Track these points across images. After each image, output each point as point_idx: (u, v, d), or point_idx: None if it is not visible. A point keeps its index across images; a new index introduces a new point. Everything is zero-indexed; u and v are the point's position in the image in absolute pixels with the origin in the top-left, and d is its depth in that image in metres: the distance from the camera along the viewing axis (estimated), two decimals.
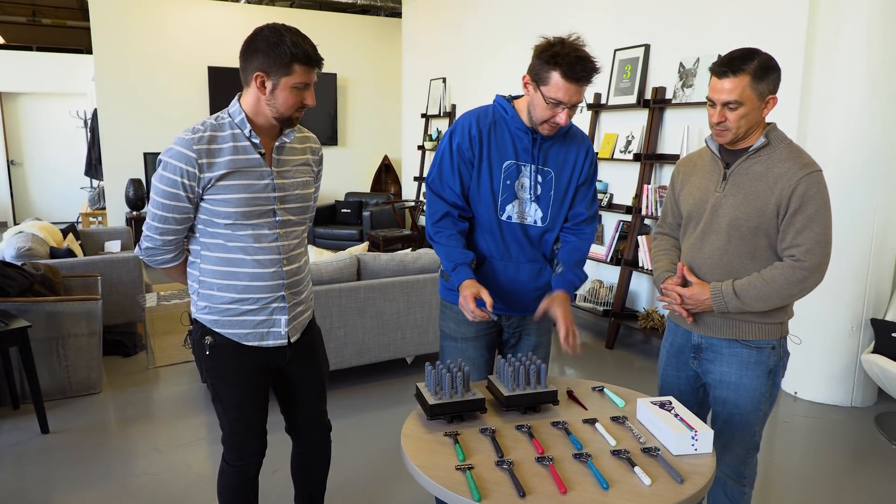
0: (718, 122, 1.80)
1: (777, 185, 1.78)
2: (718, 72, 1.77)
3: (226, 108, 1.83)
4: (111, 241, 5.58)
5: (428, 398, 1.69)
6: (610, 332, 4.61)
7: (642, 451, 1.54)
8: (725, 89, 1.75)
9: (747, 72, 1.73)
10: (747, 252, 1.85)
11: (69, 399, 3.63)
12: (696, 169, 2.00)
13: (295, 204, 1.89)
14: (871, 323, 3.39)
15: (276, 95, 1.73)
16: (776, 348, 1.91)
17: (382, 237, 6.73)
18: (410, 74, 8.12)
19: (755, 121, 1.80)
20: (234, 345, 1.87)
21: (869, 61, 3.31)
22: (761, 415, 1.94)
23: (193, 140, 1.72)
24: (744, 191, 1.83)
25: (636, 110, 4.67)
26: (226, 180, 1.75)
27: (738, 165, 1.86)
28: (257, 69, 1.71)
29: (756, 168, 1.83)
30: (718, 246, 1.88)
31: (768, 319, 1.88)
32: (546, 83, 1.83)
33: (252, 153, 1.79)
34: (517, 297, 2.07)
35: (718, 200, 1.88)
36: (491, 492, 1.36)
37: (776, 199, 1.78)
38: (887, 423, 3.40)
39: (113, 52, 7.19)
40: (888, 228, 3.47)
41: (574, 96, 1.84)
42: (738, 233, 1.84)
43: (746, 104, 1.75)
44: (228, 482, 2.01)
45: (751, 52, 1.77)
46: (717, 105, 1.79)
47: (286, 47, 1.68)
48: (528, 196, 2.01)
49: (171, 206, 1.75)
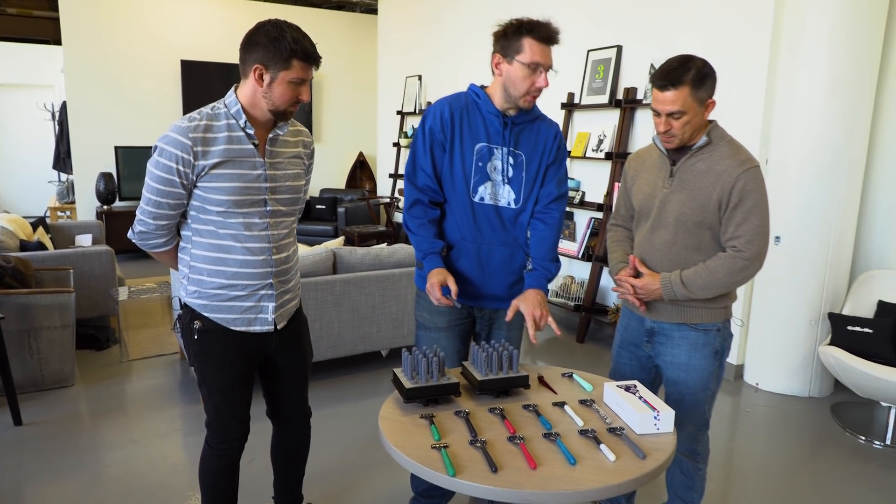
0: (665, 131, 1.92)
1: (719, 181, 1.90)
2: (659, 85, 1.87)
3: (222, 99, 1.88)
4: (82, 234, 5.52)
5: (405, 382, 1.76)
6: (581, 326, 4.72)
7: (608, 430, 1.62)
8: (668, 100, 1.86)
9: (686, 82, 1.83)
10: (693, 244, 1.98)
11: (42, 392, 3.61)
12: (646, 165, 2.12)
13: (285, 195, 1.94)
14: (828, 317, 3.54)
15: (273, 89, 1.79)
16: (721, 331, 2.05)
17: (357, 233, 6.77)
18: (386, 71, 8.15)
19: (698, 125, 1.93)
20: (222, 329, 1.91)
21: (830, 65, 3.45)
22: (710, 393, 2.08)
23: (190, 128, 1.77)
24: (689, 187, 1.96)
25: (608, 110, 4.78)
26: (219, 168, 1.80)
27: (683, 163, 1.98)
28: (257, 62, 1.77)
29: (699, 165, 1.95)
30: (666, 239, 2.01)
31: (713, 304, 2.01)
32: (521, 51, 1.95)
33: (246, 143, 1.84)
34: (489, 282, 2.12)
35: (666, 196, 2.00)
36: (465, 468, 1.43)
37: (718, 195, 1.91)
38: (842, 412, 3.56)
39: (83, 44, 7.09)
40: (846, 227, 3.62)
41: (548, 57, 1.98)
42: (684, 227, 1.97)
43: (689, 112, 1.87)
44: (211, 465, 2.06)
45: (686, 61, 1.86)
46: (661, 115, 1.90)
47: (286, 43, 1.74)
48: (501, 178, 2.07)
49: (165, 191, 1.79)
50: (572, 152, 5.02)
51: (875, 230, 3.76)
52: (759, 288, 3.86)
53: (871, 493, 2.78)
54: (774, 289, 3.76)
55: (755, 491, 2.79)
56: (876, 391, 3.12)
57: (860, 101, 3.50)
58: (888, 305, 3.46)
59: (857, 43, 3.42)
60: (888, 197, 3.68)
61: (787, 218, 3.66)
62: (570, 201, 5.03)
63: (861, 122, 3.53)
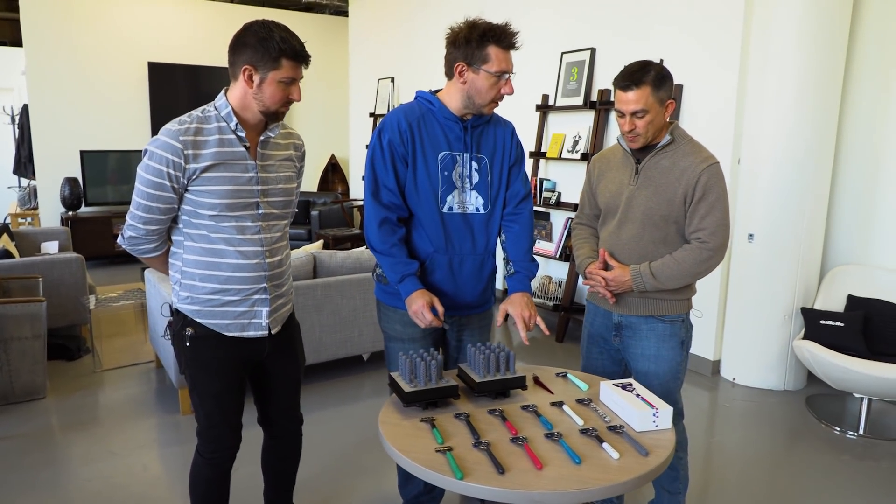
0: (630, 130, 2.01)
1: (683, 177, 2.01)
2: (622, 85, 1.98)
3: (212, 102, 1.85)
4: (48, 241, 5.36)
5: (403, 386, 1.75)
6: (560, 325, 4.76)
7: (608, 429, 1.64)
8: (631, 100, 1.96)
9: (647, 82, 1.95)
10: (660, 238, 2.07)
11: (12, 405, 3.49)
12: (611, 165, 2.20)
13: (277, 198, 1.92)
14: (801, 312, 3.64)
15: (262, 89, 1.77)
16: (685, 321, 2.16)
17: (332, 236, 6.71)
18: (357, 73, 8.10)
19: (660, 124, 2.03)
20: (215, 336, 1.88)
21: (799, 66, 3.54)
22: (679, 383, 2.17)
23: (180, 131, 1.74)
24: (654, 183, 2.04)
25: (582, 111, 4.84)
26: (210, 172, 1.77)
27: (647, 161, 2.07)
28: (246, 62, 1.75)
29: (663, 163, 2.05)
30: (634, 234, 2.09)
31: (678, 296, 2.11)
32: (487, 60, 1.92)
33: (237, 146, 1.81)
34: (461, 292, 2.10)
35: (632, 193, 2.08)
36: (472, 470, 1.43)
37: (682, 190, 2.01)
38: (816, 404, 3.66)
39: (45, 45, 6.89)
40: (816, 224, 3.73)
41: (511, 63, 1.96)
42: (651, 221, 2.05)
43: (651, 111, 1.97)
44: (202, 475, 2.02)
45: (645, 64, 1.99)
46: (626, 115, 2.00)
47: (275, 42, 1.72)
48: (467, 185, 2.05)
49: (155, 195, 1.76)
50: (548, 153, 5.07)
51: (842, 227, 3.87)
52: (734, 285, 3.94)
53: (848, 482, 2.87)
54: (749, 285, 3.84)
55: (737, 483, 2.85)
56: (849, 383, 3.22)
57: (828, 101, 3.61)
58: (857, 299, 3.57)
59: (824, 44, 3.52)
60: (854, 194, 3.80)
61: (760, 216, 3.75)
62: (546, 202, 5.07)
63: (829, 122, 3.64)
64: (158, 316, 3.63)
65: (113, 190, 7.29)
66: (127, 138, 7.45)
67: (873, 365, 3.12)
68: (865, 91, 3.70)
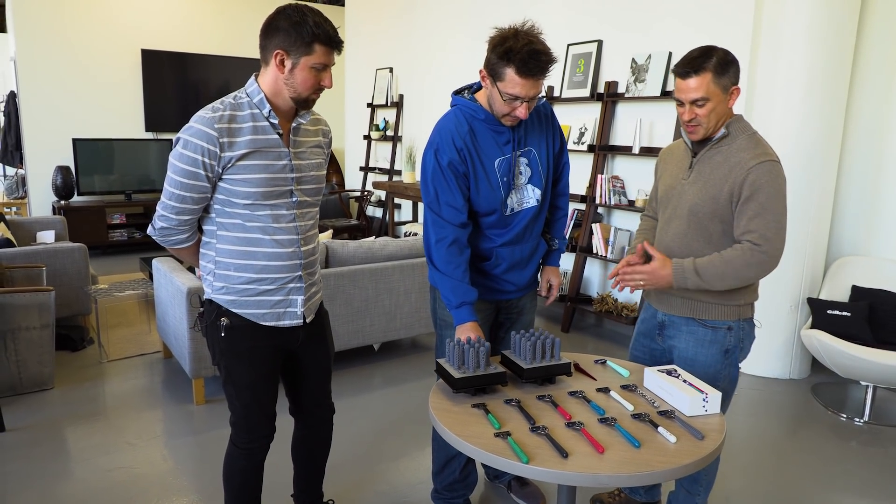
0: (690, 120, 1.92)
1: (731, 173, 1.89)
2: (681, 73, 1.89)
3: (242, 88, 1.81)
4: (44, 230, 5.27)
5: (452, 372, 1.75)
6: (565, 316, 4.79)
7: (658, 413, 1.66)
8: (691, 88, 1.86)
9: (708, 69, 1.84)
10: (704, 236, 1.97)
11: (20, 396, 3.44)
12: (673, 157, 2.14)
13: (310, 185, 1.90)
14: (808, 302, 3.71)
15: (294, 74, 1.73)
16: (733, 329, 2.01)
17: (331, 227, 6.67)
18: (354, 64, 8.04)
19: (723, 113, 1.92)
20: (250, 325, 1.86)
21: (809, 60, 3.59)
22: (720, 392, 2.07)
23: (215, 119, 1.70)
24: (704, 178, 1.96)
25: (589, 103, 4.86)
26: (246, 160, 1.74)
27: (702, 155, 1.99)
28: (278, 47, 1.71)
29: (717, 157, 1.95)
30: (680, 230, 2.01)
31: (724, 301, 1.98)
32: (502, 79, 1.84)
33: (271, 133, 1.78)
34: (520, 275, 2.21)
35: (684, 188, 2.02)
36: (535, 454, 1.44)
37: (729, 187, 1.89)
38: (822, 392, 3.74)
39: (35, 31, 6.74)
40: (822, 216, 3.79)
41: (531, 90, 1.86)
42: (696, 218, 1.97)
43: (713, 99, 1.86)
44: (237, 465, 2.00)
45: (708, 50, 1.88)
46: (685, 104, 1.90)
47: (308, 27, 1.69)
48: (522, 181, 2.08)
49: (189, 184, 1.73)
50: None
51: (847, 219, 3.95)
52: None
53: (856, 468, 2.93)
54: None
55: (745, 469, 2.90)
56: (857, 371, 3.29)
57: (835, 96, 3.66)
58: (861, 290, 3.64)
59: (833, 40, 3.57)
60: (858, 187, 3.87)
61: None
62: None
63: (836, 117, 3.70)
64: (168, 306, 3.59)
65: (105, 179, 7.17)
66: (120, 126, 7.33)
67: (881, 353, 3.19)
68: (872, 84, 3.76)
